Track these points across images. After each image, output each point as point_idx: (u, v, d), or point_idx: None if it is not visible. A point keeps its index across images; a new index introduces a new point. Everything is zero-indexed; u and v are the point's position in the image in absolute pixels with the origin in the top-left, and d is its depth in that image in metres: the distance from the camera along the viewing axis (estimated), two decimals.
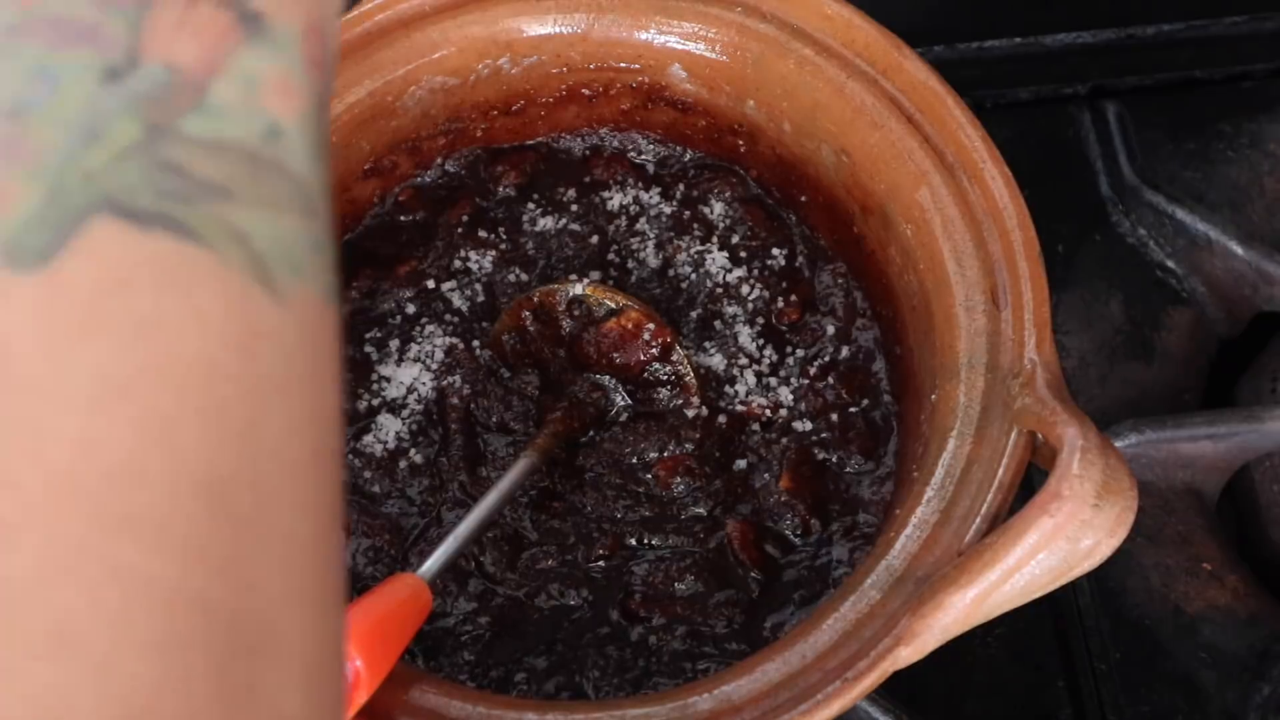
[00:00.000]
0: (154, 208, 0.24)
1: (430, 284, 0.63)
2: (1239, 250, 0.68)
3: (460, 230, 0.64)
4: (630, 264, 0.63)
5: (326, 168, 0.27)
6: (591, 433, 0.60)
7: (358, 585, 0.56)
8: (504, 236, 0.64)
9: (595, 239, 0.64)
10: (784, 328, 0.62)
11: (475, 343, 0.61)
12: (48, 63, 0.25)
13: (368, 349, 0.62)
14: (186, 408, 0.24)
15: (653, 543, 0.58)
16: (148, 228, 0.24)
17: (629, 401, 0.60)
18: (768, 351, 0.61)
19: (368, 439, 0.59)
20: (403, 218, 0.65)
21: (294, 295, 0.25)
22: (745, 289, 0.63)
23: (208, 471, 0.24)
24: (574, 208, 0.65)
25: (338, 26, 0.28)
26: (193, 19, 0.25)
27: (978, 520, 0.50)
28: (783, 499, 0.58)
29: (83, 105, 0.24)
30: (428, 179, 0.66)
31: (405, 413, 0.60)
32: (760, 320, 0.62)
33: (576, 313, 0.61)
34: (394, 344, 0.62)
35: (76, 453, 0.23)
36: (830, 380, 0.61)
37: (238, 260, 0.25)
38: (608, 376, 0.60)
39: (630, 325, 0.60)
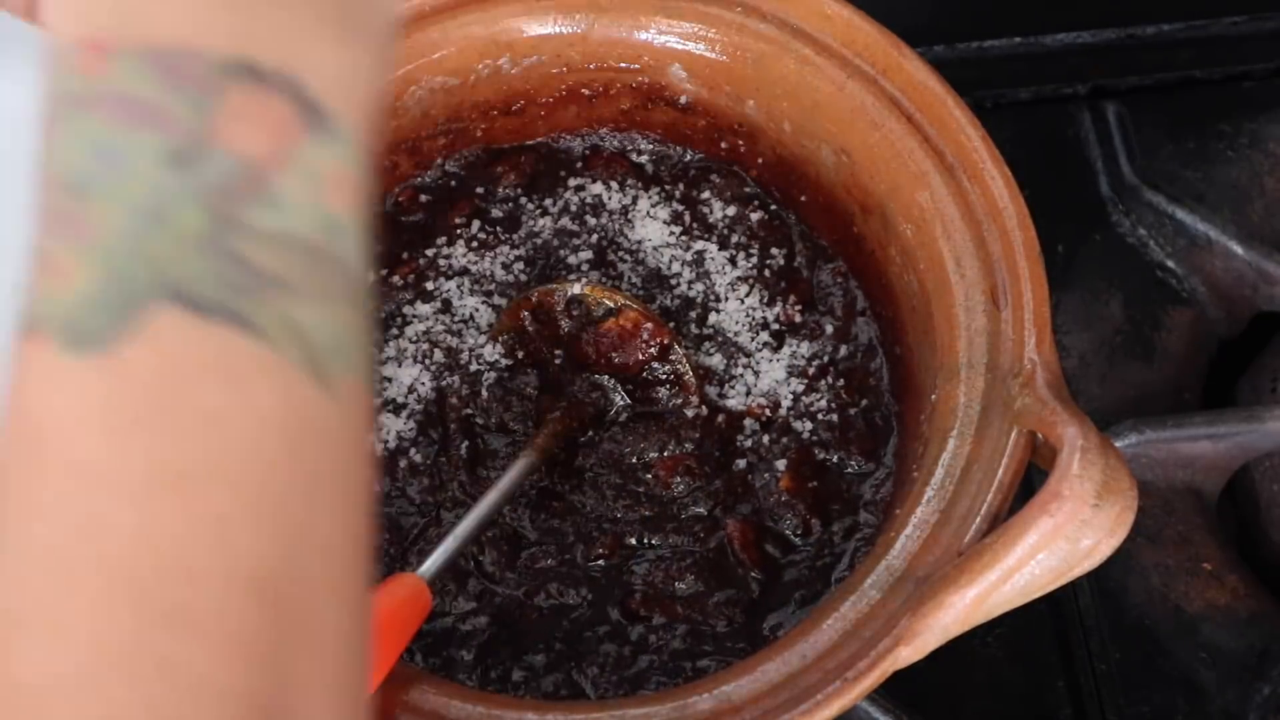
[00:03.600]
0: (217, 298, 0.24)
1: (430, 284, 0.63)
2: (1239, 250, 0.68)
3: (460, 230, 0.64)
4: (629, 264, 0.63)
5: (368, 253, 0.28)
6: (591, 432, 0.60)
7: None
8: (504, 237, 0.64)
9: (594, 239, 0.64)
10: (783, 327, 0.62)
11: (474, 343, 0.61)
12: (112, 140, 0.25)
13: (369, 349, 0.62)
14: (240, 504, 0.24)
15: (653, 542, 0.58)
16: (209, 318, 0.24)
17: (628, 401, 0.60)
18: (767, 351, 0.61)
19: (368, 438, 0.59)
20: (403, 218, 0.65)
21: (343, 387, 0.26)
22: (744, 288, 0.63)
23: (258, 567, 0.24)
24: (573, 208, 0.65)
25: (379, 112, 0.29)
26: (257, 109, 0.25)
27: (978, 520, 0.50)
28: (783, 499, 0.58)
29: (148, 188, 0.25)
30: (428, 179, 0.66)
31: (405, 413, 0.60)
32: (759, 320, 0.62)
33: (575, 312, 0.61)
34: (394, 345, 0.62)
35: (131, 546, 0.23)
36: (830, 380, 0.61)
37: (295, 356, 0.25)
38: (607, 376, 0.60)
39: (629, 325, 0.60)
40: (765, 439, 0.60)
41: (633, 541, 0.58)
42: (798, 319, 0.62)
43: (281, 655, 0.24)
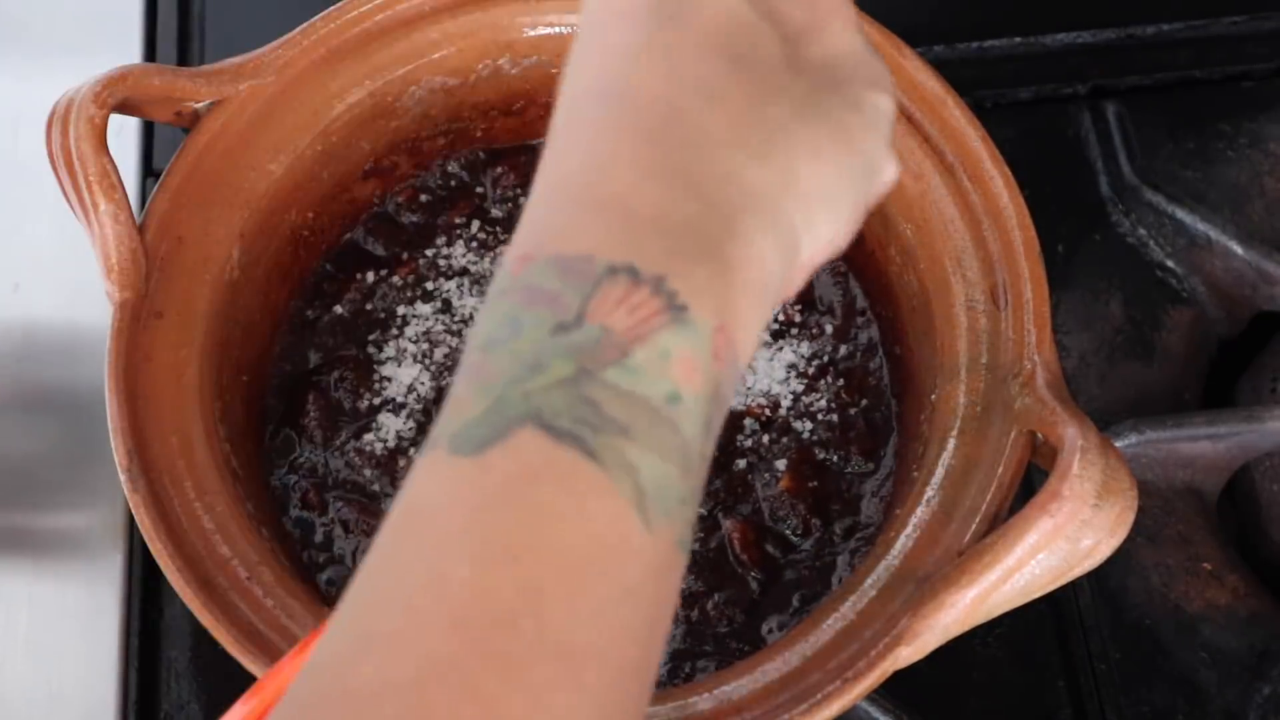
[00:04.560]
0: (570, 429, 0.30)
1: (430, 285, 0.63)
2: (1239, 250, 0.68)
3: (460, 230, 0.64)
4: None
5: (712, 443, 0.33)
6: None
7: None
8: (504, 237, 0.64)
9: None
10: (783, 327, 0.62)
11: None
12: (516, 314, 0.32)
13: (369, 349, 0.62)
14: (560, 584, 0.29)
15: None
16: (561, 441, 0.30)
17: None
18: (767, 351, 0.61)
19: (368, 438, 0.59)
20: (403, 218, 0.65)
21: (659, 532, 0.31)
22: None
23: (565, 636, 0.29)
24: None
25: (749, 348, 0.34)
26: (631, 299, 0.32)
27: (978, 520, 0.50)
28: (783, 499, 0.58)
29: (534, 345, 0.31)
30: (428, 179, 0.66)
31: (405, 412, 0.60)
32: None
33: None
34: (394, 345, 0.62)
35: (466, 596, 0.29)
36: (830, 380, 0.61)
37: (624, 487, 0.30)
38: None
39: None
40: (765, 439, 0.60)
41: None
42: (797, 319, 0.62)
43: (572, 713, 0.29)
